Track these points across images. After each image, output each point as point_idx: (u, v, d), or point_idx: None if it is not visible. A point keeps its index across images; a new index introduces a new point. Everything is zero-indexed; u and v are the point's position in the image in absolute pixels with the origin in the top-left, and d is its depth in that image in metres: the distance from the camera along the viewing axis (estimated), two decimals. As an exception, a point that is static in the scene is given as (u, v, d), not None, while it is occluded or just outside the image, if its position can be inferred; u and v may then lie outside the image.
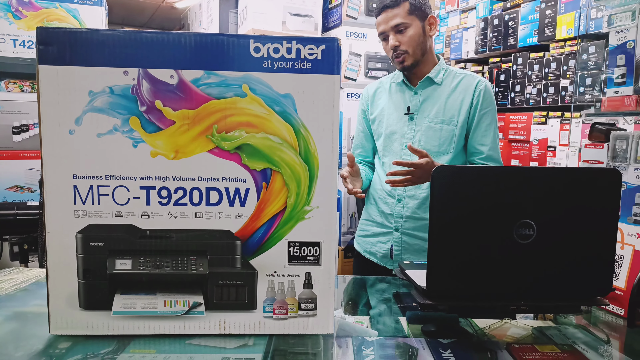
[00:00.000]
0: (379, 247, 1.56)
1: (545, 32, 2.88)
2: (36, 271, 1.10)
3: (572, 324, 0.91)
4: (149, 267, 0.76)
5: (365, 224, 1.63)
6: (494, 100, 1.48)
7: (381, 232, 1.56)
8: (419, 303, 0.79)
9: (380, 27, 1.49)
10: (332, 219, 0.78)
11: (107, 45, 0.73)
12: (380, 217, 1.56)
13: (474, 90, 1.46)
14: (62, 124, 0.73)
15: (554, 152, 2.83)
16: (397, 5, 1.44)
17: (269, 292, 0.78)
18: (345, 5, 2.53)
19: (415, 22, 1.45)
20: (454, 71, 1.52)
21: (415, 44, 1.45)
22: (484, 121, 1.45)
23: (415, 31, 1.45)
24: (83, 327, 0.76)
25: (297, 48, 0.75)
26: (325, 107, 0.76)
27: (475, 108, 1.45)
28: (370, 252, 1.59)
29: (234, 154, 0.76)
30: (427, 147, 1.47)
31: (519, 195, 0.78)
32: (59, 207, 0.74)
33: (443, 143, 1.46)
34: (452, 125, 1.45)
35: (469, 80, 1.48)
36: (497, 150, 1.48)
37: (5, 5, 2.15)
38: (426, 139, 1.47)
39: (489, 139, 1.45)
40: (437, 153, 1.46)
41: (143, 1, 5.89)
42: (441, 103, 1.47)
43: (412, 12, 1.44)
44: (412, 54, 1.46)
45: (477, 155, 1.47)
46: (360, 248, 1.64)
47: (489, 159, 1.46)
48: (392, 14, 1.45)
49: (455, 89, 1.48)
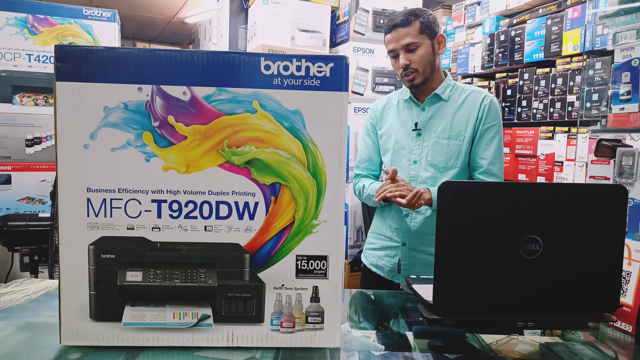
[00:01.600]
0: (386, 260, 1.56)
1: (551, 48, 2.90)
2: (47, 282, 1.12)
3: (580, 341, 0.90)
4: (159, 279, 0.77)
5: (373, 237, 1.64)
6: (499, 115, 1.48)
7: (389, 246, 1.56)
8: (426, 318, 0.80)
9: (391, 45, 1.50)
10: (339, 233, 0.79)
11: (122, 62, 0.75)
12: (388, 231, 1.56)
13: (479, 105, 1.47)
14: (78, 139, 0.75)
15: (561, 167, 2.83)
16: (408, 24, 1.45)
17: (277, 305, 0.79)
18: (353, 22, 2.57)
19: (426, 41, 1.47)
20: (461, 87, 1.54)
21: (425, 62, 1.47)
22: (486, 135, 1.46)
23: (425, 50, 1.46)
24: (93, 338, 0.77)
25: (306, 66, 0.77)
26: (333, 123, 0.77)
27: (479, 123, 1.46)
28: (377, 266, 1.59)
29: (244, 169, 0.77)
30: (434, 162, 1.48)
31: (526, 211, 0.78)
32: (73, 219, 0.76)
33: (450, 158, 1.47)
34: (459, 141, 1.46)
35: (475, 95, 1.49)
36: (497, 164, 1.47)
37: (21, 22, 2.21)
38: (433, 154, 1.48)
39: (489, 152, 1.46)
40: (444, 168, 1.47)
41: (154, 16, 6.00)
42: (448, 119, 1.48)
43: (423, 32, 1.46)
44: (422, 72, 1.48)
45: (477, 170, 1.48)
46: (367, 261, 1.64)
47: (488, 173, 1.46)
48: (403, 33, 1.46)
49: (462, 105, 1.49)
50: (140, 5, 5.57)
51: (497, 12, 3.41)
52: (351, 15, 2.57)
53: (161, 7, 5.69)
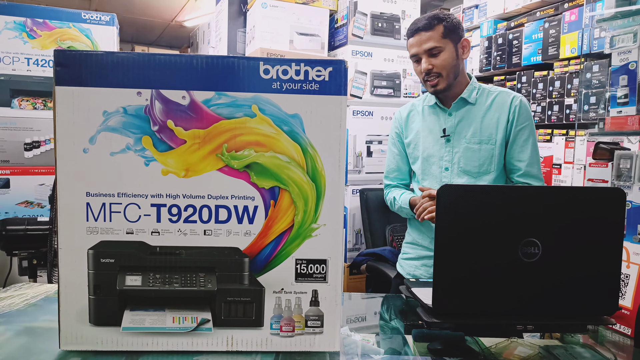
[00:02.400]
0: (424, 270, 1.53)
1: (549, 51, 2.91)
2: (46, 286, 1.12)
3: (579, 344, 0.91)
4: (158, 283, 0.77)
5: (409, 247, 1.60)
6: (530, 115, 1.44)
7: (427, 255, 1.53)
8: (425, 321, 0.80)
9: (413, 49, 1.46)
10: (338, 237, 0.79)
11: (121, 67, 0.75)
12: (426, 241, 1.53)
13: (509, 106, 1.43)
14: (77, 143, 0.75)
15: (559, 169, 2.83)
16: (431, 28, 1.42)
17: (276, 309, 0.79)
18: (352, 25, 2.58)
19: (449, 46, 1.43)
20: (487, 89, 1.49)
21: (448, 67, 1.43)
22: (520, 137, 1.42)
23: (448, 54, 1.43)
24: (93, 343, 0.77)
25: (305, 70, 0.77)
26: (332, 127, 0.77)
27: (511, 124, 1.42)
28: (415, 276, 1.56)
29: (243, 173, 0.77)
30: (467, 168, 1.44)
31: (524, 214, 0.79)
32: (72, 223, 0.76)
33: (483, 163, 1.43)
34: (490, 145, 1.42)
35: (504, 97, 1.45)
36: (536, 166, 1.43)
37: (20, 26, 2.21)
38: (465, 160, 1.44)
39: (526, 154, 1.41)
40: (477, 174, 1.43)
41: (152, 20, 6.01)
42: (477, 123, 1.44)
43: (446, 36, 1.42)
44: (445, 77, 1.44)
45: (516, 173, 1.43)
46: (403, 271, 1.61)
47: (528, 175, 1.41)
48: (426, 37, 1.42)
49: (490, 107, 1.45)
50: (138, 8, 5.58)
51: (494, 15, 3.42)
52: (349, 18, 2.58)
53: (160, 10, 5.70)
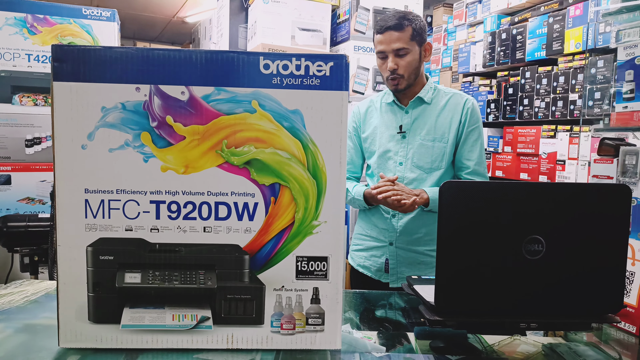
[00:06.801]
0: (373, 260, 1.58)
1: (553, 46, 2.89)
2: (46, 283, 1.11)
3: (583, 342, 0.90)
4: (157, 280, 0.76)
5: (359, 238, 1.65)
6: (480, 118, 1.55)
7: (375, 246, 1.58)
8: (427, 319, 0.79)
9: (382, 46, 1.51)
10: (339, 234, 0.78)
11: (119, 62, 0.74)
12: (374, 231, 1.58)
13: (462, 108, 1.52)
14: (75, 139, 0.75)
15: (563, 165, 2.82)
16: (401, 28, 1.47)
17: (277, 307, 0.78)
18: (354, 20, 2.56)
19: (415, 48, 1.49)
20: (442, 90, 1.58)
21: (411, 69, 1.50)
22: (471, 137, 1.51)
23: (413, 57, 1.49)
24: (92, 341, 0.77)
25: (305, 65, 0.76)
26: (333, 123, 0.76)
27: (463, 125, 1.51)
28: (364, 267, 1.61)
29: (243, 169, 0.76)
30: (420, 163, 1.52)
31: (528, 211, 0.78)
32: (71, 220, 0.75)
33: (435, 159, 1.51)
34: (443, 143, 1.51)
35: (457, 99, 1.54)
36: (483, 164, 1.54)
37: (20, 21, 2.20)
38: (419, 156, 1.52)
39: (475, 154, 1.51)
40: (429, 169, 1.52)
41: (154, 16, 6.00)
42: (432, 121, 1.53)
43: (414, 38, 1.48)
44: (406, 78, 1.51)
45: (464, 170, 1.53)
46: (353, 262, 1.66)
47: (475, 173, 1.52)
48: (396, 37, 1.47)
49: (445, 108, 1.53)
50: (140, 4, 5.57)
51: (498, 10, 3.39)
52: (352, 14, 2.56)
53: (161, 6, 5.69)
